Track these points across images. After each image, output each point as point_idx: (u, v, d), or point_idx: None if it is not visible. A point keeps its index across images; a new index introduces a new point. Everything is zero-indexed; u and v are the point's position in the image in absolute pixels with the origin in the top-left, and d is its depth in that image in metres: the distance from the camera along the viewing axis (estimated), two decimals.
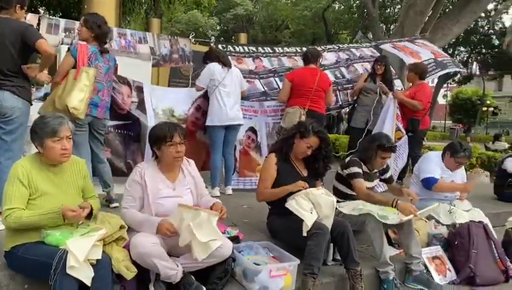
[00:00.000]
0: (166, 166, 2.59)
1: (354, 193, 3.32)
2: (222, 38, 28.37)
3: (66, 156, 2.27)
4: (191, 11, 24.87)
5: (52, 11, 13.24)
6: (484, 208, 3.98)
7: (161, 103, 4.53)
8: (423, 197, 3.64)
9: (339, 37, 24.06)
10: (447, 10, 12.47)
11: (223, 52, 4.93)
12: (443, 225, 3.61)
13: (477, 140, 21.49)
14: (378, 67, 5.44)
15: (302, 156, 3.15)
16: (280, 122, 4.99)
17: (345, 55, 6.28)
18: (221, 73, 4.46)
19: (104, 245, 2.18)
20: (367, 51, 6.50)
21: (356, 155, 3.47)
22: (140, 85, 4.44)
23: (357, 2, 22.16)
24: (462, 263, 3.30)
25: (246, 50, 5.87)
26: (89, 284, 2.00)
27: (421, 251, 3.18)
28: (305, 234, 2.66)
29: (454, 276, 3.28)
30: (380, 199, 3.23)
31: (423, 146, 6.84)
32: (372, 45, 6.86)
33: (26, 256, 2.11)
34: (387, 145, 3.30)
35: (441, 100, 35.45)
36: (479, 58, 28.36)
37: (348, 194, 3.37)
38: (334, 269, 2.94)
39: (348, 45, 6.98)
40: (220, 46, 5.64)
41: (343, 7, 23.91)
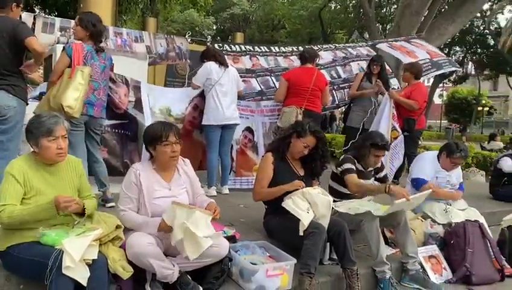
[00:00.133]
0: (161, 166, 2.57)
1: (350, 192, 3.33)
2: (218, 37, 28.35)
3: (62, 156, 2.26)
4: (187, 11, 24.84)
5: (47, 10, 13.18)
6: (480, 207, 4.00)
7: (158, 102, 4.52)
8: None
9: (335, 37, 24.08)
10: (443, 10, 12.49)
11: (220, 51, 4.92)
12: (439, 224, 3.63)
13: (472, 139, 21.59)
14: (374, 67, 5.45)
15: (299, 156, 3.15)
16: (277, 121, 4.99)
17: (342, 53, 6.29)
18: (218, 72, 4.45)
19: (100, 245, 2.16)
20: (363, 50, 6.51)
21: (350, 153, 3.49)
22: (137, 84, 4.42)
23: (353, 2, 22.20)
24: (458, 262, 3.31)
25: (243, 49, 5.87)
26: (85, 284, 1.99)
27: (417, 250, 3.18)
28: (301, 234, 2.66)
29: (450, 275, 3.29)
30: (371, 188, 3.26)
31: (419, 146, 6.87)
32: (368, 44, 6.88)
33: (21, 256, 2.09)
34: (380, 143, 3.30)
35: (437, 100, 35.60)
36: (475, 58, 28.50)
37: (344, 193, 3.37)
38: (331, 269, 2.94)
39: (345, 44, 7.00)
40: (216, 45, 5.63)
41: (339, 7, 23.93)
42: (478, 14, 20.65)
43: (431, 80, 24.74)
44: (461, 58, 27.53)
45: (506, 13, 25.66)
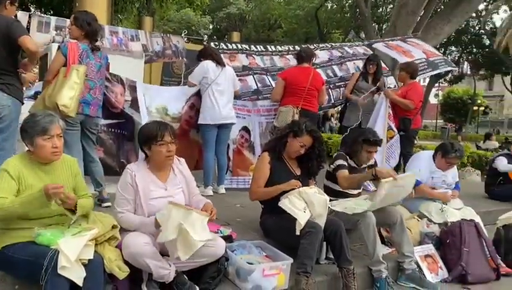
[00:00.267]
0: (156, 166, 2.55)
1: (341, 188, 3.32)
2: (215, 37, 28.27)
3: (57, 155, 2.25)
4: (184, 10, 24.77)
5: (43, 9, 13.12)
6: (475, 207, 4.00)
7: (154, 101, 4.50)
8: (415, 196, 3.68)
9: (332, 37, 24.08)
10: (439, 10, 12.55)
11: (217, 51, 4.91)
12: (435, 224, 3.63)
13: (468, 139, 21.67)
14: (370, 66, 5.45)
15: (295, 155, 3.15)
16: (273, 121, 4.99)
17: (338, 52, 6.29)
18: (215, 71, 4.45)
19: (96, 245, 2.15)
20: (360, 49, 6.52)
21: (342, 150, 3.51)
22: (133, 84, 4.40)
23: (350, 2, 22.22)
24: (454, 261, 3.31)
25: (239, 47, 5.87)
26: (81, 284, 1.98)
27: (413, 250, 3.19)
28: (298, 233, 2.66)
29: (446, 274, 3.30)
30: (359, 177, 3.29)
31: (415, 145, 6.88)
32: (364, 44, 6.89)
33: (16, 256, 2.07)
34: (372, 139, 3.30)
35: (433, 99, 35.75)
36: (470, 58, 28.64)
37: (338, 191, 3.36)
38: (327, 268, 2.94)
39: (341, 44, 7.00)
40: (213, 43, 5.62)
41: (335, 6, 23.95)
42: (474, 14, 20.74)
43: (427, 80, 24.80)
44: (457, 58, 27.66)
45: (501, 13, 25.75)
